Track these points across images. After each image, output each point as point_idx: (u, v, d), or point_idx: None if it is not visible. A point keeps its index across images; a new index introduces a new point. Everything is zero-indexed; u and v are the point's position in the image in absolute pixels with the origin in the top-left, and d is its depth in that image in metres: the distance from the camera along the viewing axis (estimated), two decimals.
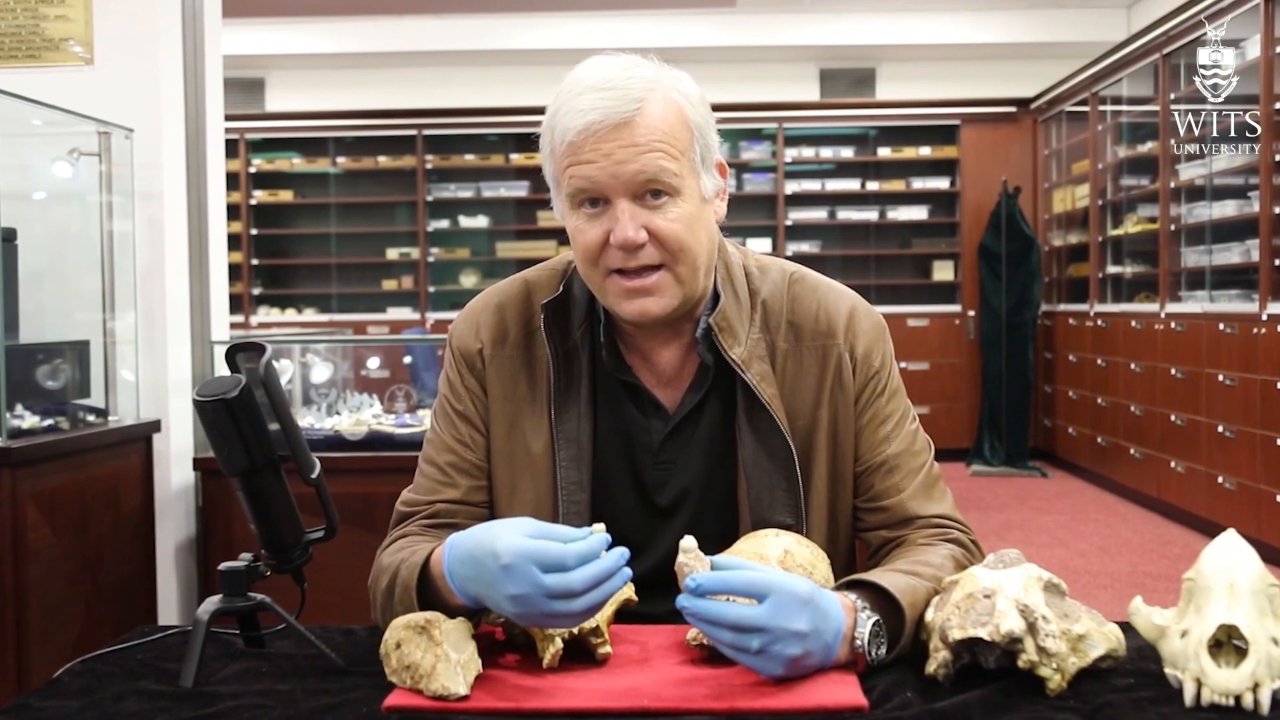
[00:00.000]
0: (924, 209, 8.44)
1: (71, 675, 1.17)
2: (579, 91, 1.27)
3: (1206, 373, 5.45)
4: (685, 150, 1.29)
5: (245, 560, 1.23)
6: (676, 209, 1.28)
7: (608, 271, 1.30)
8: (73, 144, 3.07)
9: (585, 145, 1.26)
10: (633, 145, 1.25)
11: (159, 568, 3.12)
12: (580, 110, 1.25)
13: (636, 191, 1.27)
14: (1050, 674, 1.05)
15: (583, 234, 1.30)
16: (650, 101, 1.27)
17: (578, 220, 1.31)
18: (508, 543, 1.07)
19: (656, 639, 1.23)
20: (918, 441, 1.41)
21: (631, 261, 1.29)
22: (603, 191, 1.27)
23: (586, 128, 1.25)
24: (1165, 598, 1.38)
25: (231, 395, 1.17)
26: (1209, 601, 1.02)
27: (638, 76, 1.28)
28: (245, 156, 8.38)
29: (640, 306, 1.30)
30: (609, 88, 1.26)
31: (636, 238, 1.27)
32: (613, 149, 1.25)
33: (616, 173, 1.26)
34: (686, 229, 1.29)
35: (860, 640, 1.11)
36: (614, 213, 1.27)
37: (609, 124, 1.25)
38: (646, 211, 1.28)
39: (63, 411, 2.88)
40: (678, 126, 1.29)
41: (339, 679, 1.15)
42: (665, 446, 1.39)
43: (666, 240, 1.28)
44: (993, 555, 1.16)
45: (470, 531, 1.14)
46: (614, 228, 1.27)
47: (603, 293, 1.33)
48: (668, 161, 1.27)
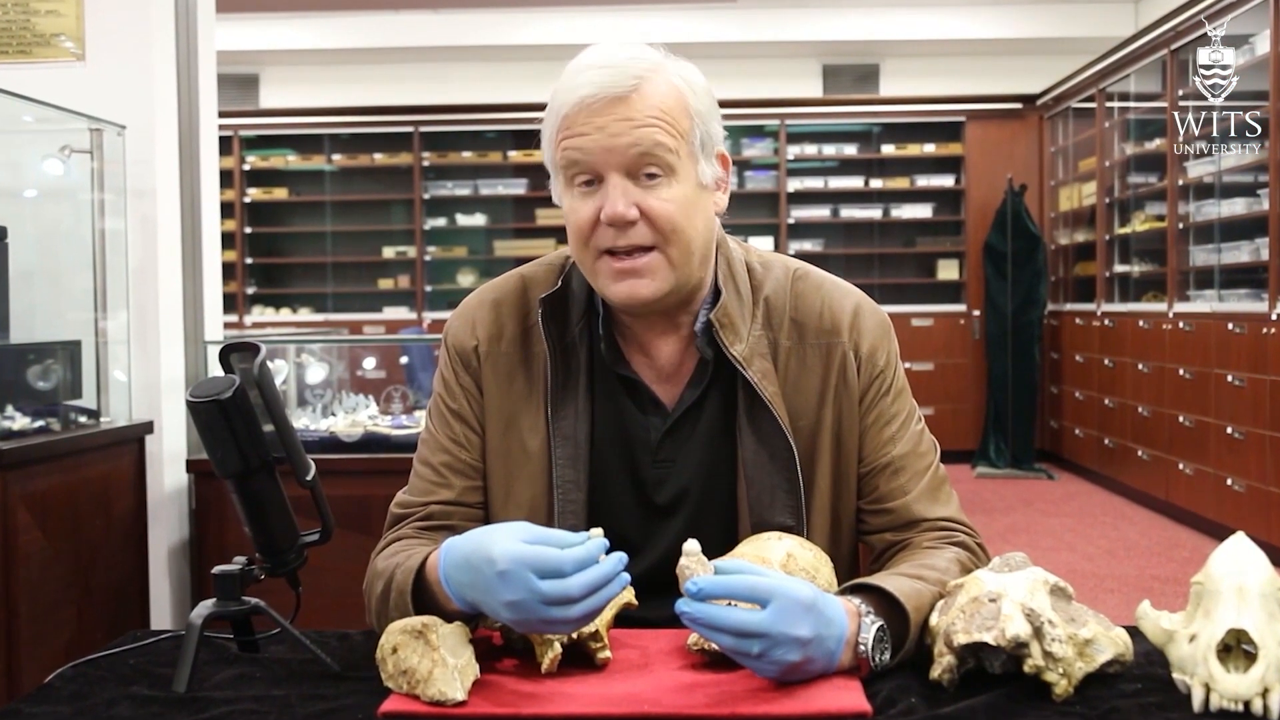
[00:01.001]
0: (928, 207, 8.44)
1: (63, 680, 1.17)
2: (578, 70, 1.28)
3: (1215, 373, 5.45)
4: (684, 133, 1.29)
5: (239, 564, 1.23)
6: (670, 190, 1.28)
7: (599, 252, 1.30)
8: (64, 141, 3.07)
9: (579, 118, 1.26)
10: (628, 119, 1.25)
11: (151, 571, 3.12)
12: (576, 85, 1.26)
13: (630, 168, 1.27)
14: (1056, 679, 1.05)
15: (575, 213, 1.30)
16: (650, 81, 1.27)
17: (570, 199, 1.31)
18: (504, 549, 1.07)
19: (657, 644, 1.23)
20: (923, 442, 1.41)
21: (622, 240, 1.28)
22: (595, 166, 1.27)
23: (581, 101, 1.25)
24: (1173, 602, 1.38)
25: (225, 396, 1.17)
26: (1218, 606, 1.02)
27: (639, 58, 1.29)
28: (239, 154, 8.37)
29: (629, 288, 1.30)
30: (607, 65, 1.27)
31: (627, 213, 1.26)
32: (606, 122, 1.25)
33: (610, 145, 1.25)
34: (680, 210, 1.28)
35: (864, 645, 1.11)
36: (606, 188, 1.27)
37: (604, 98, 1.25)
38: (639, 190, 1.27)
39: (54, 413, 2.87)
40: (677, 108, 1.29)
41: (334, 684, 1.15)
42: (664, 444, 1.38)
43: (658, 220, 1.27)
44: (998, 558, 1.16)
45: (466, 536, 1.14)
46: (605, 203, 1.27)
47: (594, 275, 1.33)
48: (664, 137, 1.26)
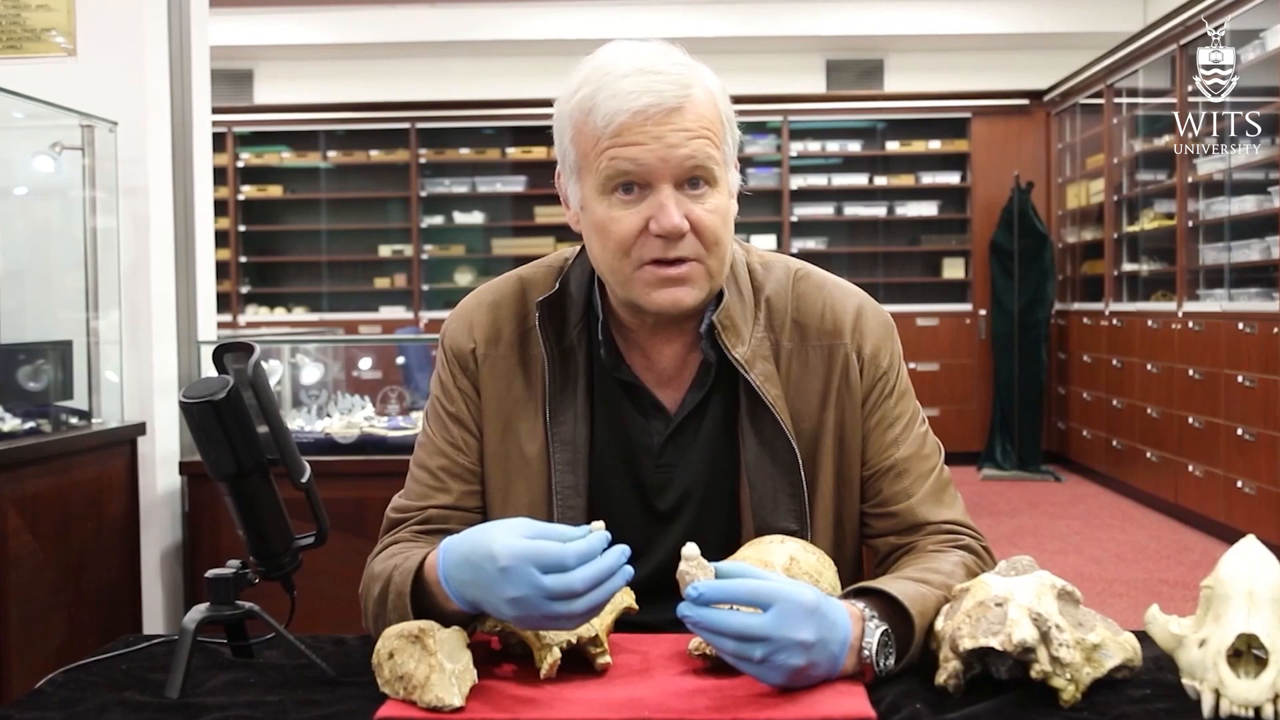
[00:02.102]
0: (934, 205, 8.44)
1: (54, 686, 1.17)
2: (622, 74, 1.26)
3: (1225, 373, 5.45)
4: (721, 142, 1.30)
5: (233, 567, 1.23)
6: (714, 200, 1.29)
7: (641, 263, 1.29)
8: (55, 137, 3.07)
9: (634, 127, 1.25)
10: (684, 130, 1.25)
11: (144, 575, 3.12)
12: (631, 93, 1.24)
13: (680, 178, 1.27)
14: (1064, 685, 1.05)
15: (617, 223, 1.28)
16: (696, 88, 1.27)
17: (608, 208, 1.28)
18: (505, 544, 1.07)
19: (658, 648, 1.23)
20: (927, 445, 1.41)
21: (671, 252, 1.28)
22: (647, 176, 1.26)
23: (642, 110, 1.24)
24: (1183, 606, 1.38)
25: (219, 397, 1.17)
26: (1228, 610, 1.02)
27: (681, 63, 1.29)
28: (233, 150, 8.38)
29: (673, 296, 1.29)
30: (657, 71, 1.26)
31: (682, 225, 1.26)
32: (664, 132, 1.25)
33: (667, 156, 1.25)
34: (722, 221, 1.30)
35: (868, 650, 1.11)
36: (656, 199, 1.26)
37: (665, 107, 1.25)
38: (688, 201, 1.28)
39: (44, 414, 2.88)
40: (717, 117, 1.29)
41: (330, 690, 1.15)
42: (666, 448, 1.38)
43: (704, 231, 1.28)
44: (1005, 562, 1.16)
45: (465, 535, 1.14)
46: (657, 214, 1.26)
47: (630, 283, 1.31)
48: (713, 150, 1.27)
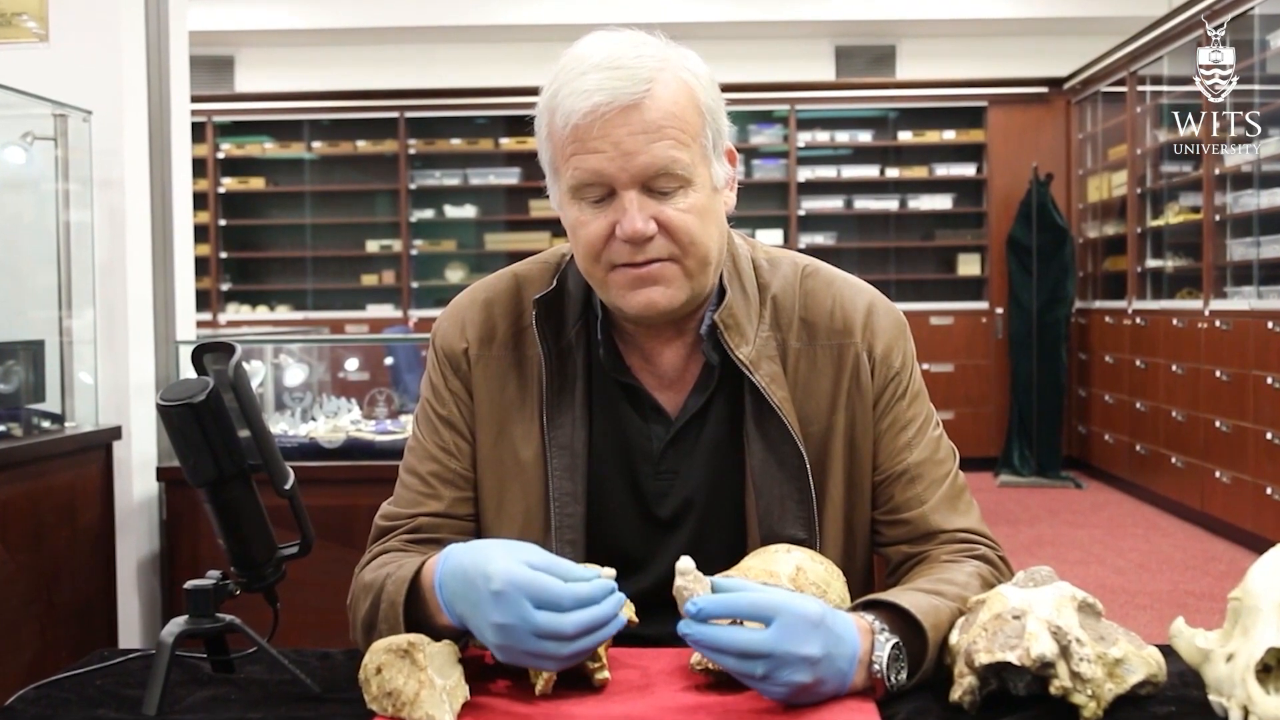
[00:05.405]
0: (948, 198, 8.44)
1: (25, 703, 1.17)
2: (582, 70, 1.26)
3: (1254, 375, 5.45)
4: (696, 136, 1.29)
5: (213, 578, 1.23)
6: (687, 199, 1.28)
7: (611, 266, 1.30)
8: (26, 127, 3.07)
9: (592, 130, 1.25)
10: (642, 132, 1.25)
11: (120, 586, 3.12)
12: (585, 91, 1.24)
13: (643, 182, 1.27)
14: (1085, 701, 1.05)
15: (585, 227, 1.29)
16: (660, 83, 1.26)
17: (579, 212, 1.30)
18: (502, 567, 1.08)
19: (658, 663, 1.23)
20: (941, 449, 1.41)
21: (639, 255, 1.28)
22: (608, 184, 1.27)
23: (593, 110, 1.24)
24: (1210, 618, 1.38)
25: (198, 400, 1.17)
26: (1257, 623, 1.02)
27: (646, 55, 1.27)
28: (213, 141, 8.38)
29: (646, 298, 1.30)
30: (615, 66, 1.25)
31: (645, 230, 1.26)
32: (620, 137, 1.24)
33: (625, 165, 1.25)
34: (697, 220, 1.29)
35: (878, 664, 1.11)
36: (620, 204, 1.27)
37: (616, 106, 1.24)
38: (655, 202, 1.27)
39: (15, 417, 2.88)
40: (689, 110, 1.28)
41: (314, 707, 1.15)
42: (667, 454, 1.38)
43: (676, 232, 1.28)
44: (1023, 573, 1.16)
45: (469, 546, 1.15)
46: (621, 219, 1.26)
47: (605, 288, 1.33)
48: (679, 151, 1.26)
